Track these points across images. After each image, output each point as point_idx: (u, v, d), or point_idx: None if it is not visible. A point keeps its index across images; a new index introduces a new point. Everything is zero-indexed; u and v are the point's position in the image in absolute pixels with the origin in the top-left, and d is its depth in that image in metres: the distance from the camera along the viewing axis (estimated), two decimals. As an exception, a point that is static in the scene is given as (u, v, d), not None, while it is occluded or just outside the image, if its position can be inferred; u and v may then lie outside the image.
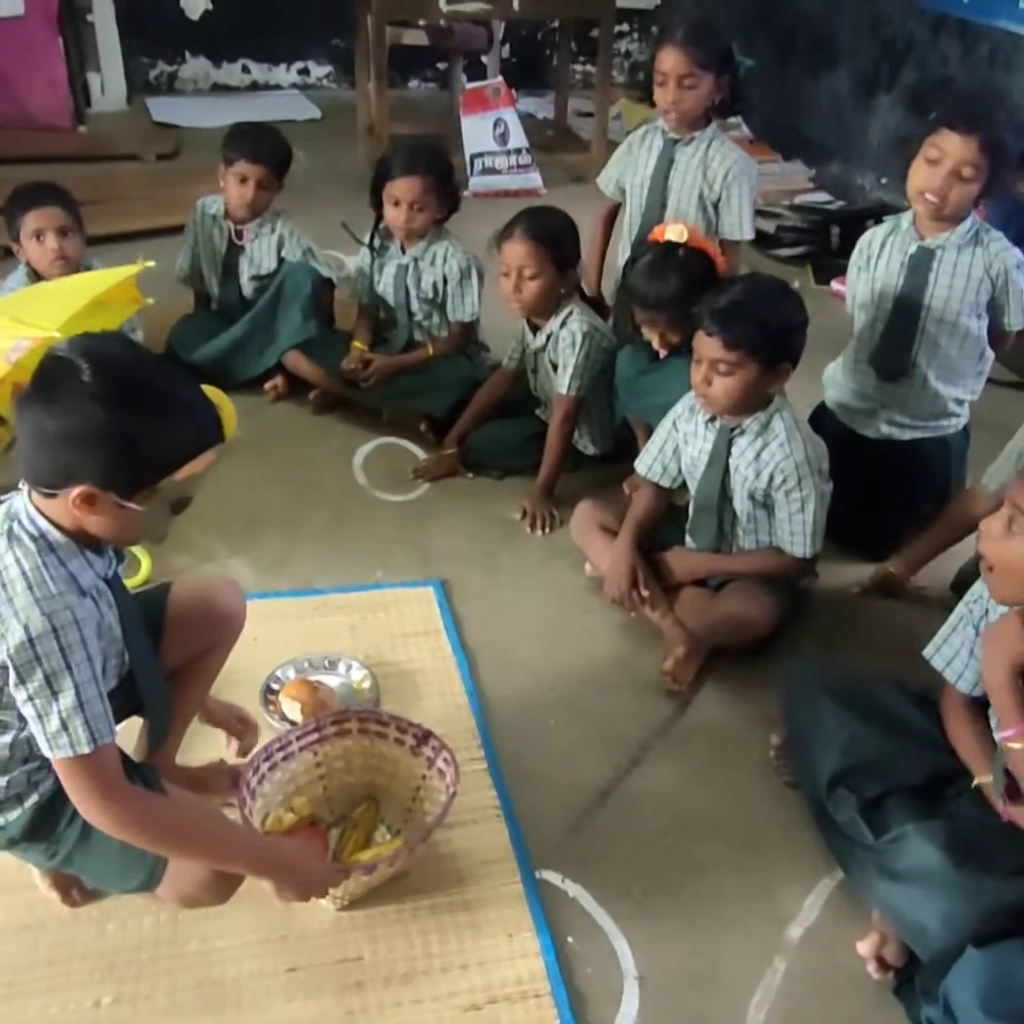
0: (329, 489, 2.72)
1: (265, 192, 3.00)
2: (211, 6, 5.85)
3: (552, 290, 2.54)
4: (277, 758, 1.73)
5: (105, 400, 1.26)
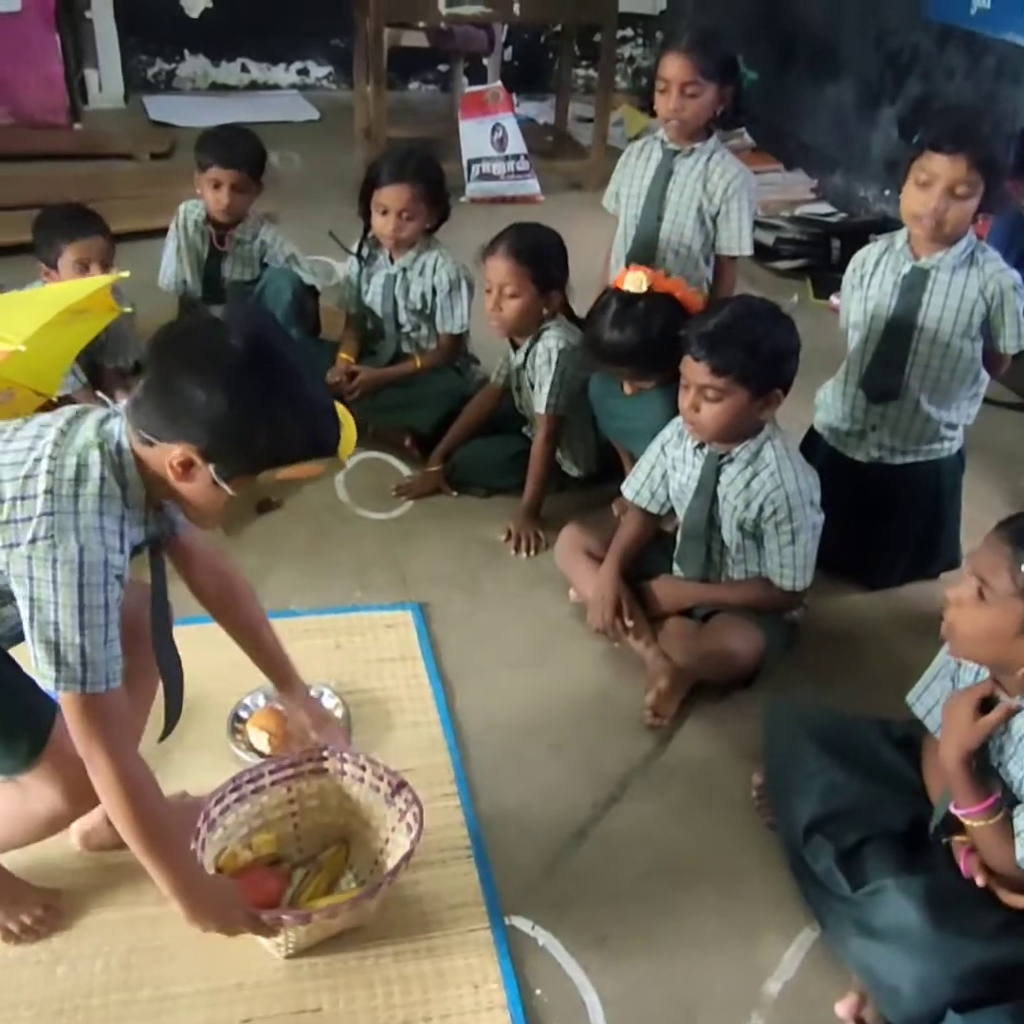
0: (310, 505, 2.65)
1: (242, 195, 2.93)
2: (211, 4, 5.81)
3: (531, 310, 2.48)
4: (246, 790, 1.67)
5: (241, 375, 1.26)
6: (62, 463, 1.30)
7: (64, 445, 1.32)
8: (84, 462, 1.31)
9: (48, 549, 1.26)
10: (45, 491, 1.28)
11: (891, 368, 2.24)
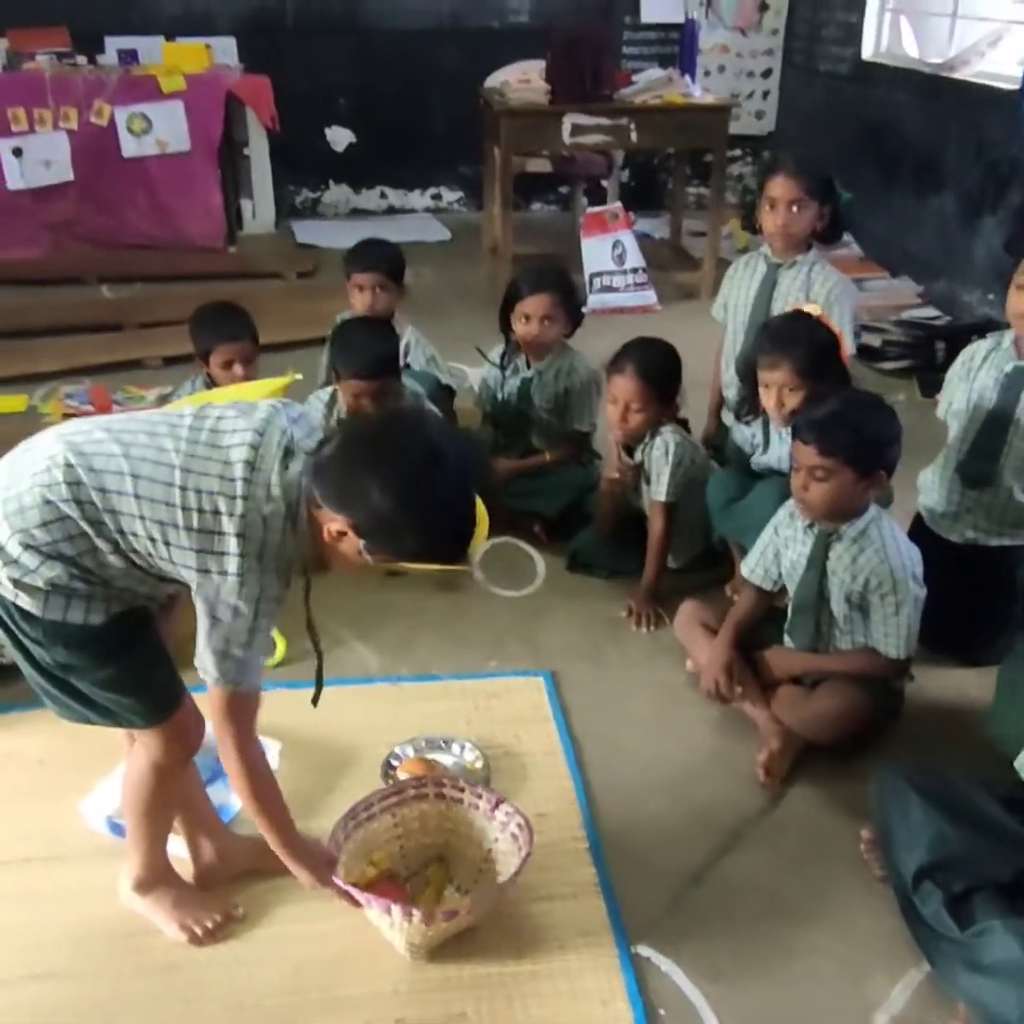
0: (449, 584, 2.91)
1: (385, 294, 3.27)
2: (355, 139, 6.39)
3: (653, 420, 2.75)
4: (361, 818, 1.90)
5: (411, 484, 1.45)
6: (255, 508, 1.50)
7: (255, 483, 1.50)
8: (274, 512, 1.50)
9: (236, 586, 1.51)
10: (237, 534, 1.49)
11: (987, 457, 2.42)
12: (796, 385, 2.44)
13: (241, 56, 5.92)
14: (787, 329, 2.53)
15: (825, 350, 2.47)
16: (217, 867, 1.96)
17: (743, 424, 2.79)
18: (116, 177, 5.49)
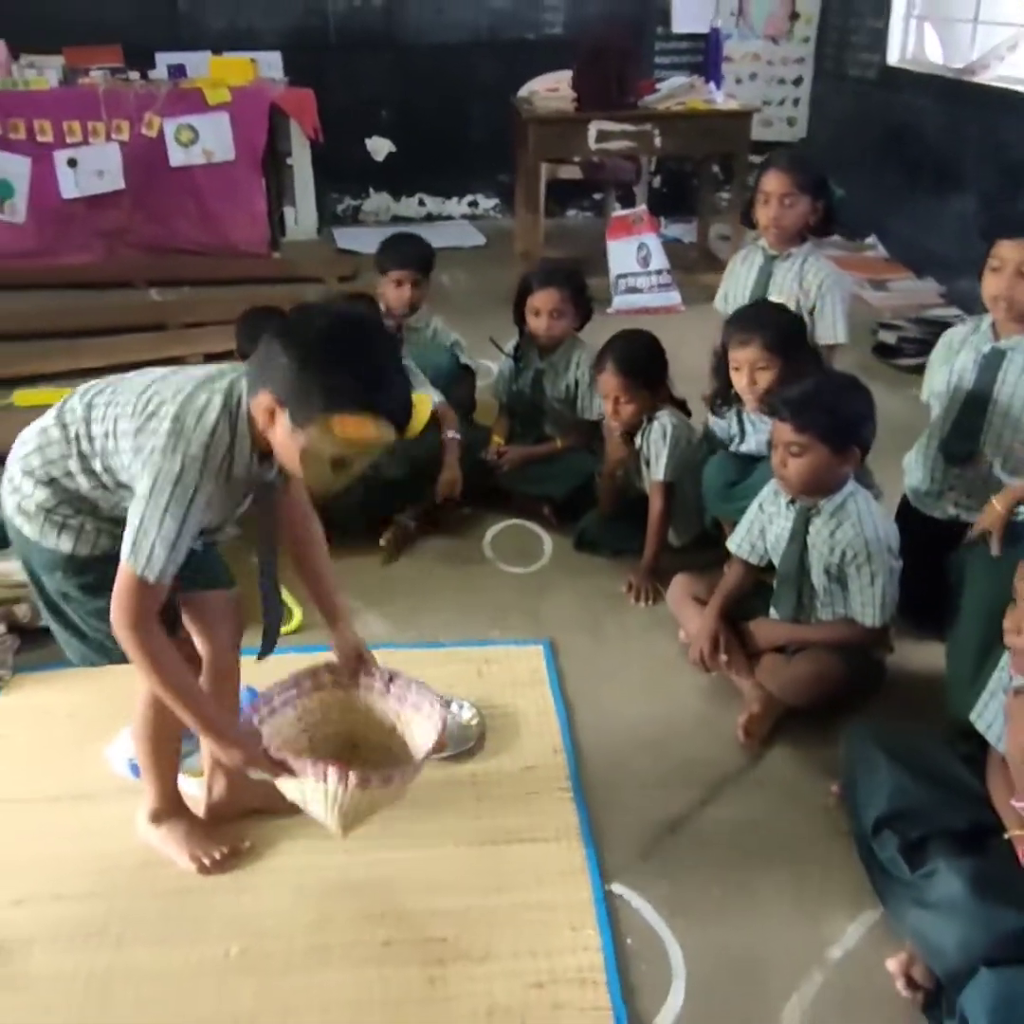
0: (459, 560, 3.07)
1: (418, 290, 3.46)
2: (394, 148, 6.60)
3: (644, 408, 2.89)
4: (264, 714, 1.91)
5: (315, 344, 1.56)
6: (193, 398, 1.63)
7: (202, 386, 1.65)
8: (207, 405, 1.62)
9: (160, 461, 1.60)
10: (173, 417, 1.61)
11: (968, 435, 2.52)
12: (767, 362, 2.57)
13: (286, 70, 6.15)
14: (755, 311, 2.66)
15: (793, 328, 2.62)
16: (227, 803, 2.13)
17: (717, 417, 2.93)
18: (165, 185, 5.74)
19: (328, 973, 1.83)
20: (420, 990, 1.80)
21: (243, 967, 1.84)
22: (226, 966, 1.84)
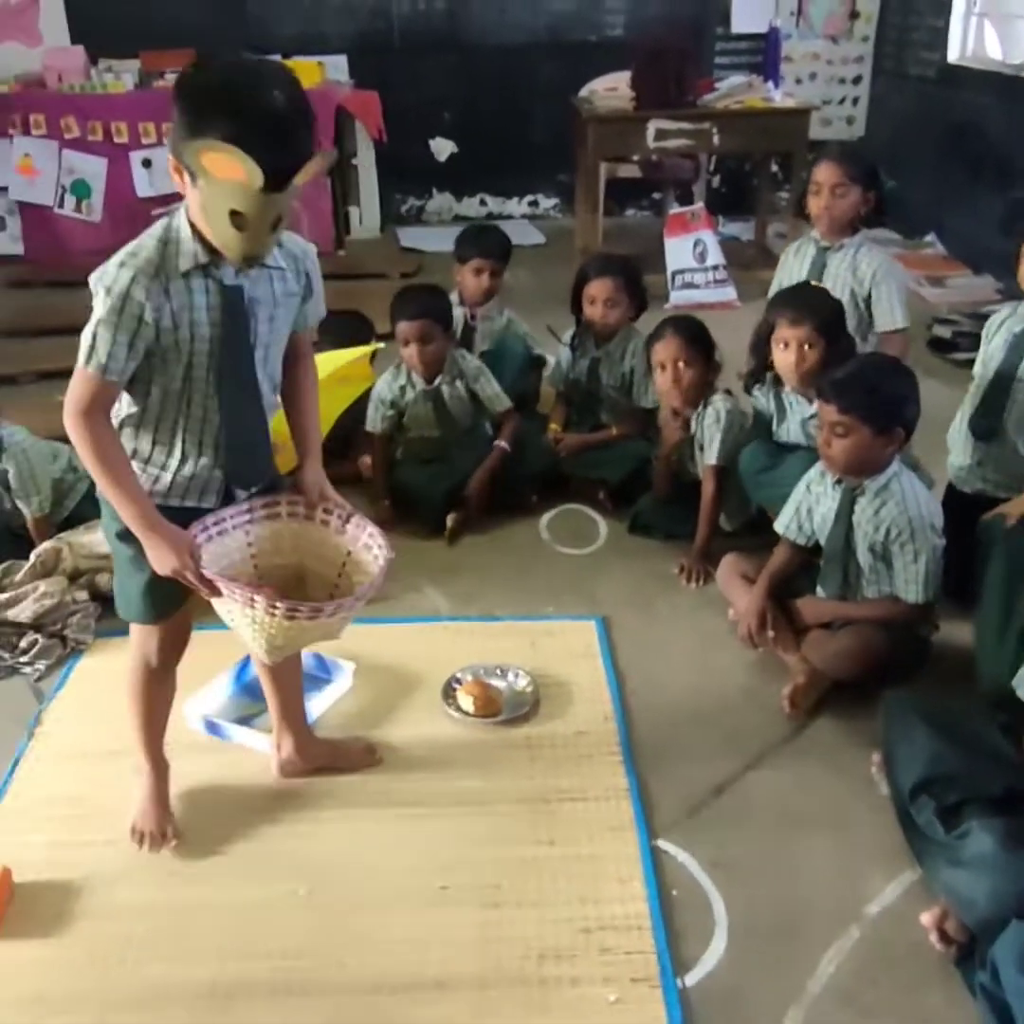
0: (517, 542, 3.19)
1: (495, 279, 3.59)
2: (456, 149, 6.74)
3: (704, 376, 2.98)
4: (212, 531, 1.86)
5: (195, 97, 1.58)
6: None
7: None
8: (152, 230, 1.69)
9: (99, 280, 1.67)
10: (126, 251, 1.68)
11: (992, 412, 2.61)
12: (815, 341, 2.67)
13: (352, 73, 6.32)
14: (805, 292, 2.75)
15: (838, 312, 2.71)
16: (295, 761, 2.26)
17: (749, 394, 3.02)
18: (235, 186, 5.92)
19: (389, 914, 1.95)
20: (475, 931, 1.91)
21: (310, 905, 1.97)
22: (295, 903, 1.97)
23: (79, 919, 1.95)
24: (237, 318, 1.76)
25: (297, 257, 1.86)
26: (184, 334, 1.72)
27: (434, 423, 3.32)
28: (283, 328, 1.87)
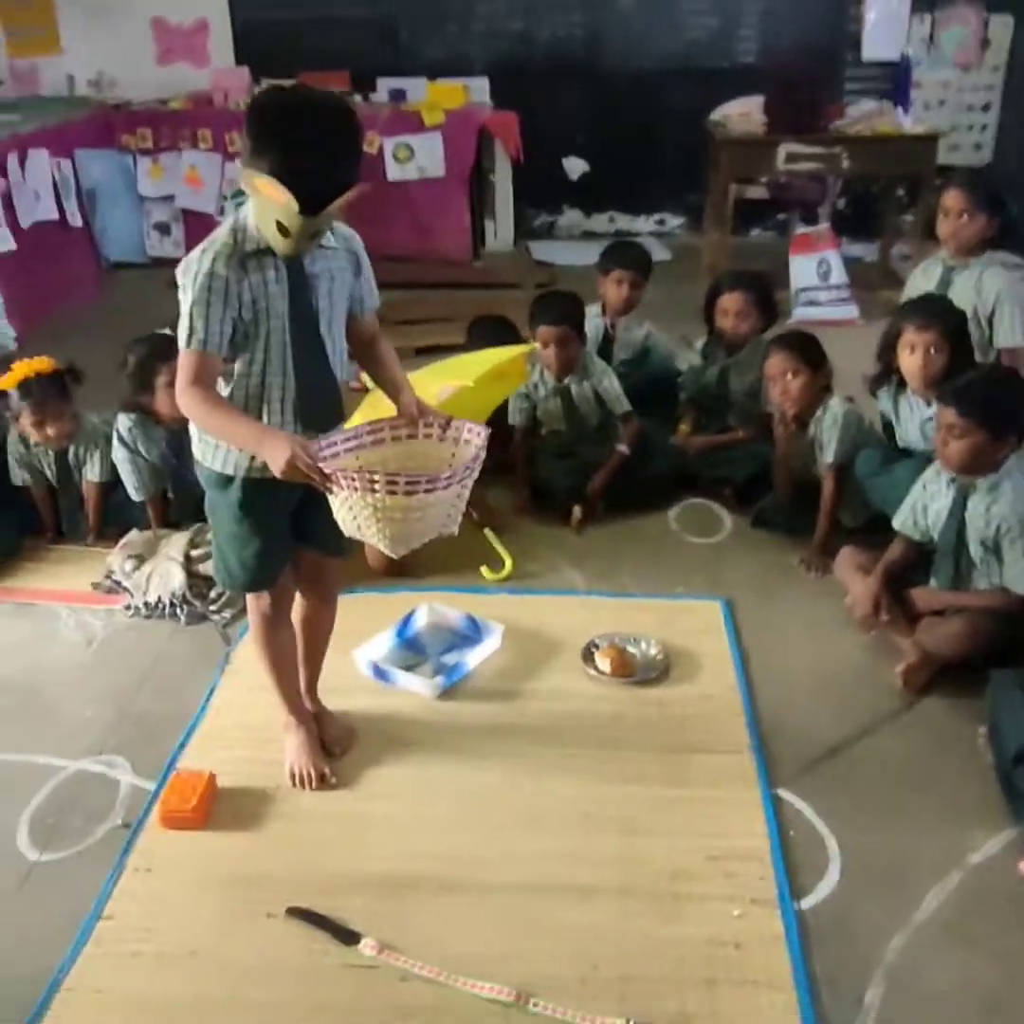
0: (648, 531, 3.45)
1: (635, 290, 3.87)
2: (589, 168, 7.05)
3: (812, 383, 3.20)
4: (326, 453, 1.96)
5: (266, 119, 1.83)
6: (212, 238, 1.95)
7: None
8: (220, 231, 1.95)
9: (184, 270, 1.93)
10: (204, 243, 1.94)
11: None
12: (940, 346, 2.88)
13: (493, 94, 6.68)
14: (934, 301, 2.97)
15: (963, 322, 2.92)
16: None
17: (873, 396, 3.23)
18: (382, 198, 6.32)
19: (537, 832, 2.23)
20: (614, 852, 2.18)
21: (468, 821, 2.27)
22: (454, 819, 2.27)
23: (270, 820, 2.29)
24: (301, 289, 2.00)
25: (347, 237, 2.09)
26: (261, 305, 1.96)
27: (563, 419, 3.60)
28: (340, 301, 2.09)
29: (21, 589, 3.17)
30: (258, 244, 1.94)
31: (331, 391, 2.13)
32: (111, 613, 3.03)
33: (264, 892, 2.10)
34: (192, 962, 1.96)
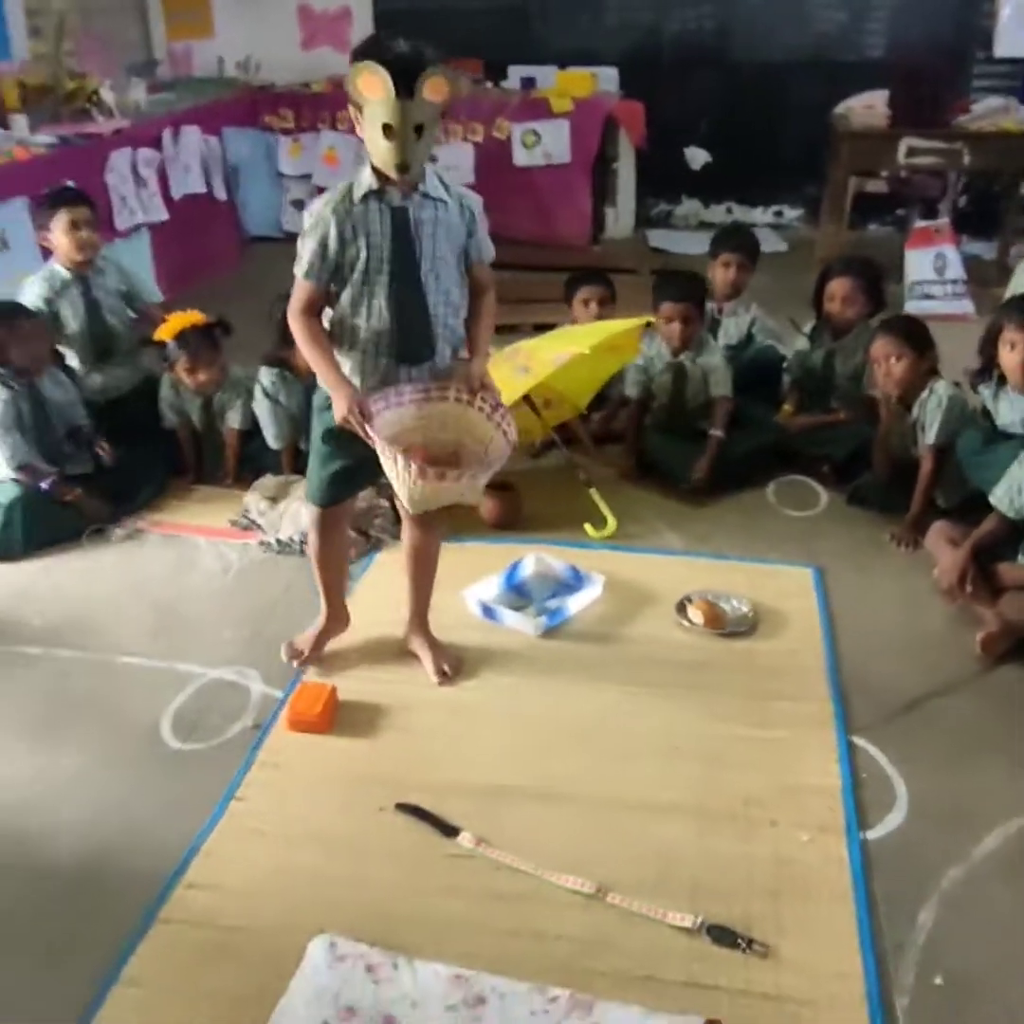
0: (746, 502, 3.61)
1: (742, 273, 4.03)
2: (710, 159, 7.18)
3: (916, 367, 3.31)
4: (392, 401, 2.32)
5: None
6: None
7: None
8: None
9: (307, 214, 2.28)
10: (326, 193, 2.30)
11: None
12: None
13: (621, 83, 6.85)
14: None
15: None
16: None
17: (975, 390, 3.32)
18: (507, 182, 6.55)
19: (629, 757, 2.44)
20: (697, 778, 2.37)
21: (559, 746, 2.48)
22: (552, 742, 2.49)
23: (384, 730, 2.54)
24: (402, 231, 2.25)
25: (463, 195, 2.34)
26: (362, 242, 2.24)
27: (674, 393, 3.77)
28: (446, 248, 2.31)
29: (168, 522, 3.50)
30: (368, 188, 2.23)
31: (424, 328, 2.33)
32: (246, 547, 3.33)
33: (376, 790, 2.35)
34: (311, 842, 2.22)
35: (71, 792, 2.37)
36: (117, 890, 2.10)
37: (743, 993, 1.87)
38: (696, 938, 1.98)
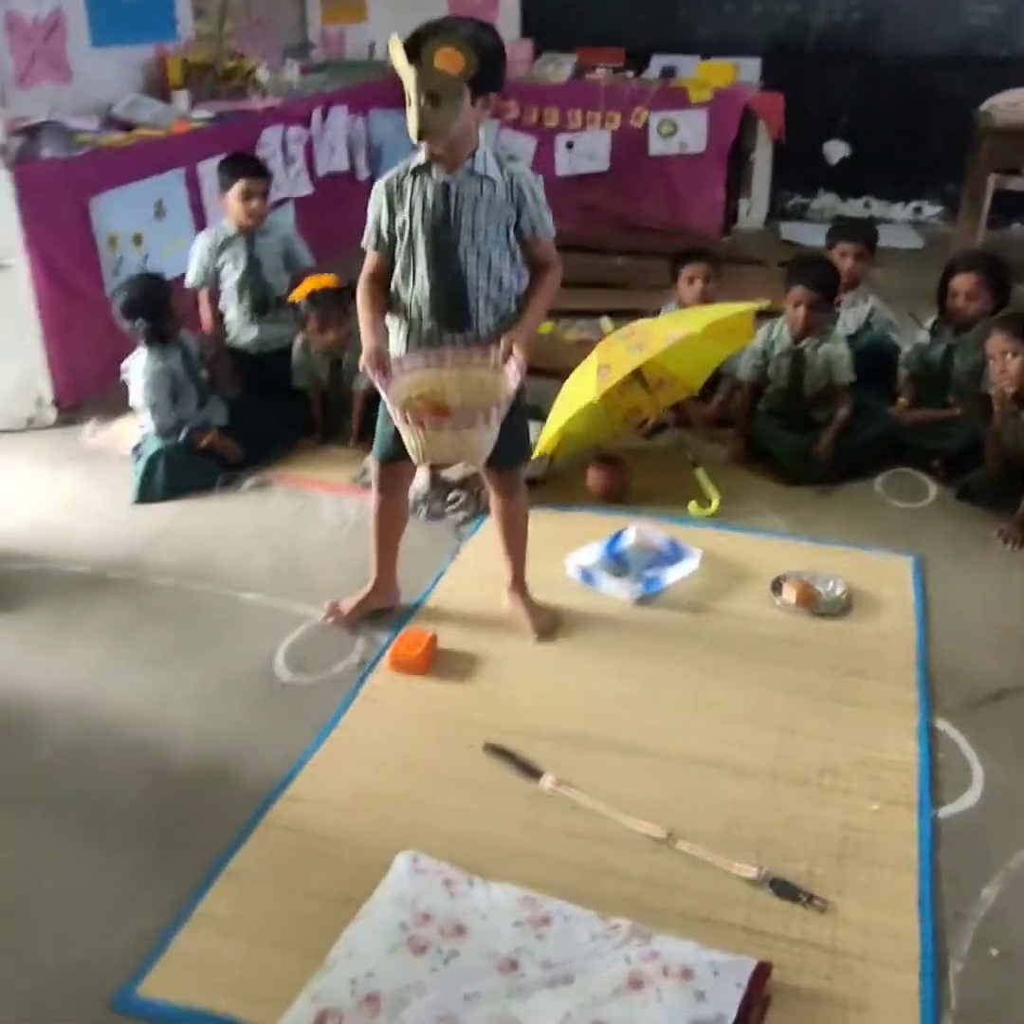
0: (853, 492, 3.63)
1: (860, 264, 4.06)
2: (849, 153, 7.11)
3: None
4: (432, 362, 2.51)
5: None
6: None
7: None
8: None
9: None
10: None
11: None
12: None
13: (763, 74, 6.84)
14: None
15: None
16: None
17: None
18: (641, 170, 6.64)
19: (705, 718, 2.53)
20: (772, 743, 2.45)
21: (644, 703, 2.59)
22: (632, 699, 2.61)
23: (478, 678, 2.69)
24: (441, 204, 2.40)
25: (515, 172, 2.42)
26: (405, 214, 2.43)
27: (787, 380, 3.80)
28: (489, 222, 2.41)
29: (294, 476, 3.72)
30: (418, 163, 2.41)
31: (461, 297, 2.47)
32: (363, 504, 3.50)
33: (467, 730, 2.50)
34: (403, 771, 2.38)
35: (190, 710, 2.58)
36: (226, 798, 2.30)
37: (798, 942, 1.96)
38: (759, 889, 2.07)
